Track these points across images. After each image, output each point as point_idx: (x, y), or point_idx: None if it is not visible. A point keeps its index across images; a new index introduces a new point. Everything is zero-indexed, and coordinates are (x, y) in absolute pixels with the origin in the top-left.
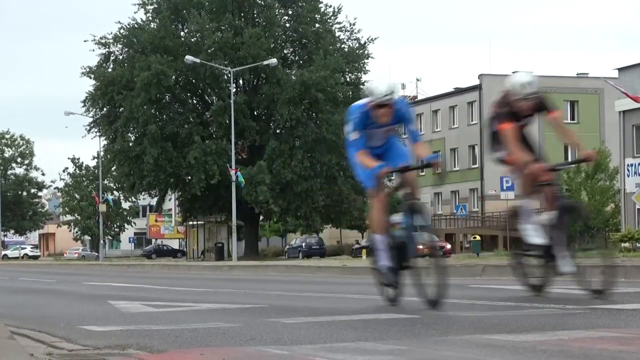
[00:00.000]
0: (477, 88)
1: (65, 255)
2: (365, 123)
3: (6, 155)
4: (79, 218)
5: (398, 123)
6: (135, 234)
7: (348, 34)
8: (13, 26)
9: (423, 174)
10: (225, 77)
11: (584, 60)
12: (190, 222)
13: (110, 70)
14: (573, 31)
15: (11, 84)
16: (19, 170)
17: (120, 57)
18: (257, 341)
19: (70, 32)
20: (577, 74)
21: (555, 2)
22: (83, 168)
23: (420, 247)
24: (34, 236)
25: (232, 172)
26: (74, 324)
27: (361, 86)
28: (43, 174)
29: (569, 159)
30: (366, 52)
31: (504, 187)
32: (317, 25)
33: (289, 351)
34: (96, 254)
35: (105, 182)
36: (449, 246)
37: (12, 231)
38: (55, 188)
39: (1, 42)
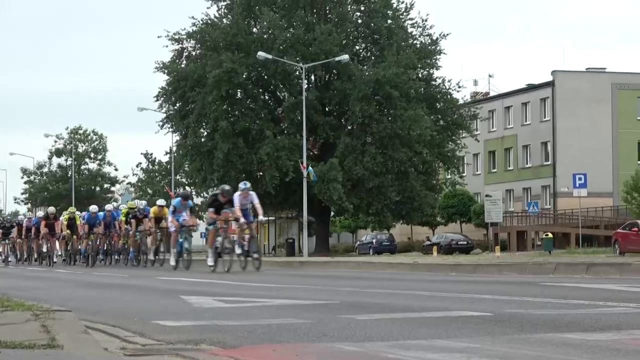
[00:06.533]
0: (550, 84)
1: None
2: None
3: (80, 150)
4: None
5: None
6: (207, 229)
7: (420, 29)
8: (85, 21)
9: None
10: (297, 73)
11: None
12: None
13: (183, 66)
14: None
15: (84, 80)
16: (92, 166)
17: (194, 53)
18: (329, 337)
19: (143, 28)
20: None
21: None
22: (156, 163)
23: None
24: None
25: (303, 169)
26: (148, 319)
27: (433, 82)
28: (116, 169)
29: None
30: (438, 48)
31: (577, 184)
32: (389, 21)
33: (362, 348)
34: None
35: (178, 177)
36: None
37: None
38: (128, 183)
39: (74, 38)
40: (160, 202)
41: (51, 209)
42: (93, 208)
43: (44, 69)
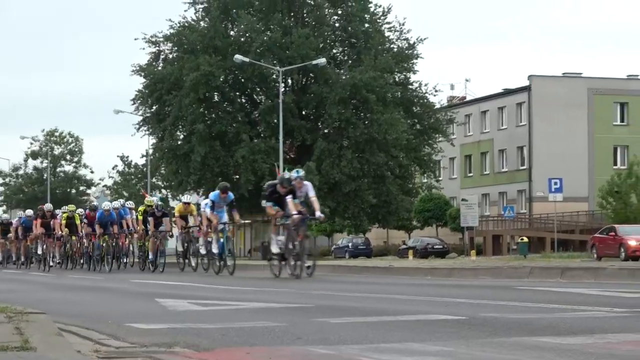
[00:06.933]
0: (526, 89)
1: None
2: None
3: (55, 152)
4: None
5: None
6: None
7: (397, 34)
8: (62, 22)
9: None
10: (274, 76)
11: (635, 62)
12: None
13: (159, 68)
14: (624, 32)
15: (60, 81)
16: (68, 168)
17: (170, 56)
18: (303, 341)
19: (119, 30)
20: (628, 76)
21: (605, 2)
22: (132, 166)
23: None
24: None
25: (278, 174)
26: (122, 322)
27: (409, 86)
28: (92, 172)
29: (617, 161)
30: (415, 52)
31: (552, 189)
32: (366, 25)
33: (336, 351)
34: None
35: (154, 180)
36: None
37: None
38: (103, 186)
39: (50, 38)
40: (186, 198)
41: (48, 206)
42: (106, 205)
43: (24, 70)
